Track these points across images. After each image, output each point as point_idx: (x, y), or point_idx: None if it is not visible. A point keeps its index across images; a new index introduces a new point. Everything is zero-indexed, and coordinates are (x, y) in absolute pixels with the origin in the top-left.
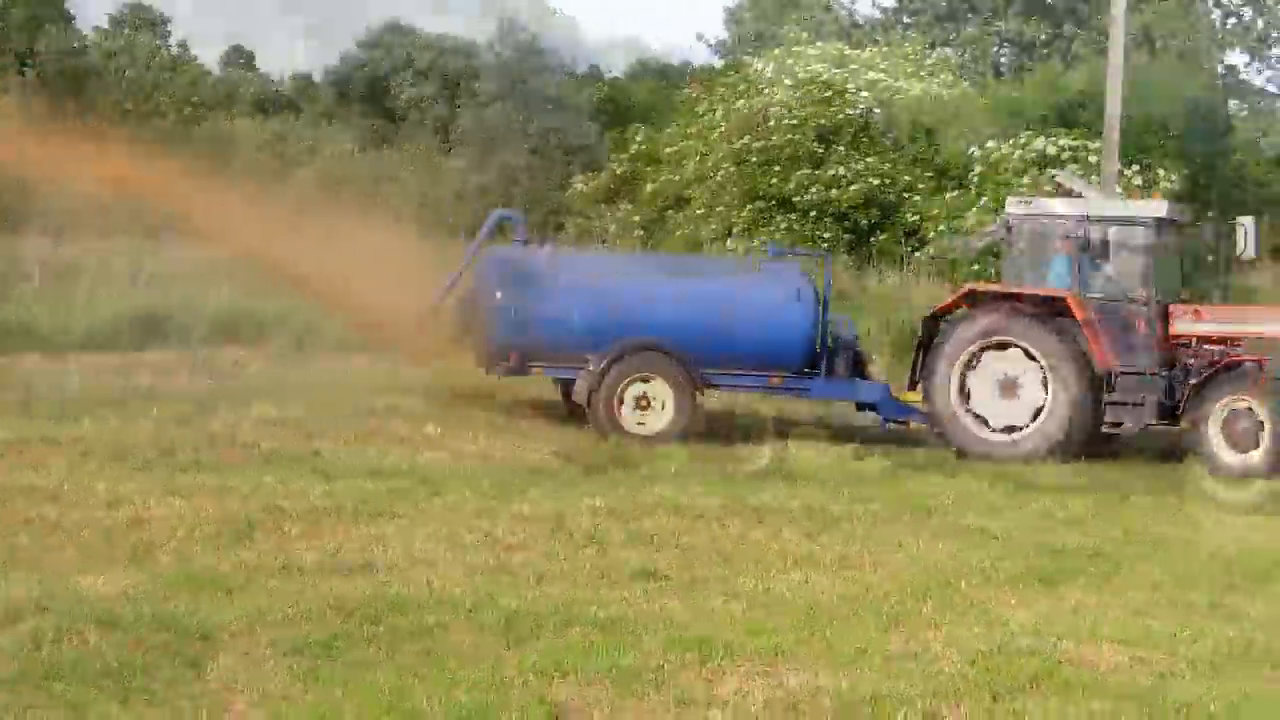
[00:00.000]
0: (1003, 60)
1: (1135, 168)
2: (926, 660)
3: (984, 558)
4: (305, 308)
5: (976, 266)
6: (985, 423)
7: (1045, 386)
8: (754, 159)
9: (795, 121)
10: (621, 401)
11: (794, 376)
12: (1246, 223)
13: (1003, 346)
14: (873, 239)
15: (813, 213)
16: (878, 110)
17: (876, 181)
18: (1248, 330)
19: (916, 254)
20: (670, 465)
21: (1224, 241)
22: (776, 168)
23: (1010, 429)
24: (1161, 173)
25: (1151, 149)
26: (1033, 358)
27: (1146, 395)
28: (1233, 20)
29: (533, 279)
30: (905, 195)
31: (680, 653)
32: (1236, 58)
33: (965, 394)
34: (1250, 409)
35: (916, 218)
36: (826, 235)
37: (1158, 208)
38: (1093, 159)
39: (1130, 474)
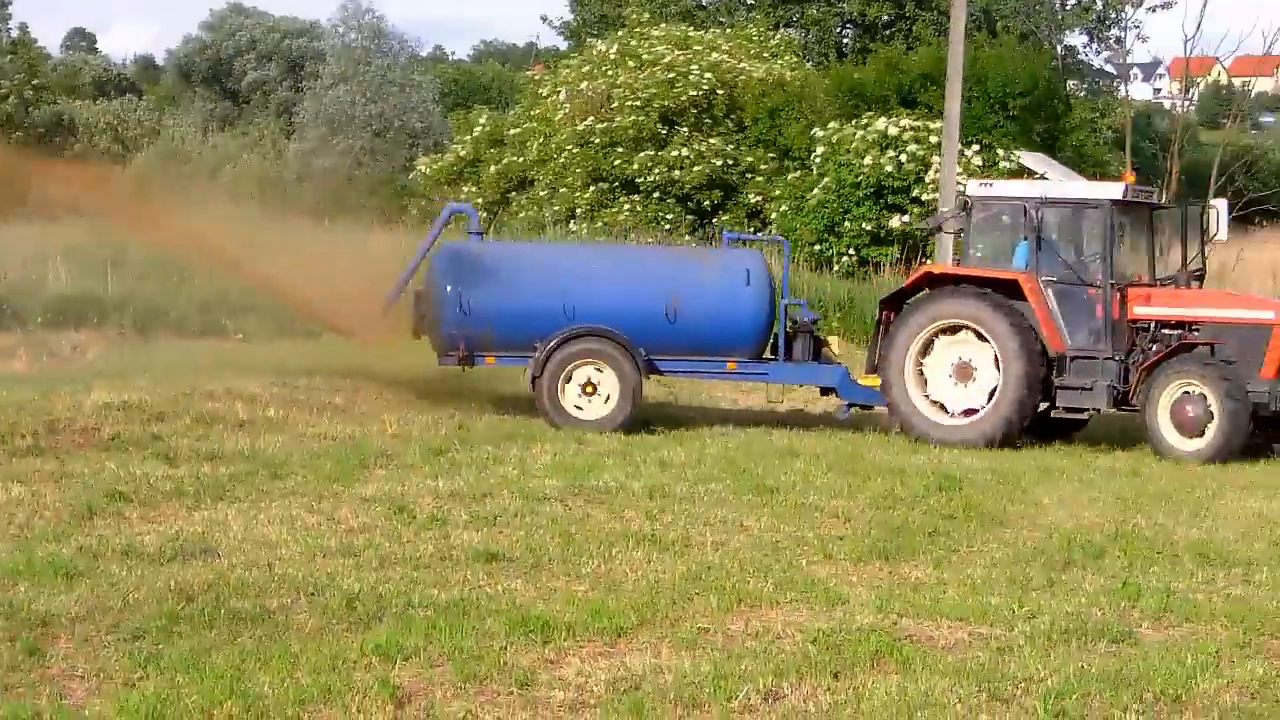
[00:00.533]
0: (845, 42)
1: (976, 148)
2: (768, 639)
3: (826, 536)
4: (145, 290)
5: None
6: (943, 407)
7: (999, 369)
8: (597, 140)
9: (639, 103)
10: (564, 388)
11: (750, 362)
12: (1219, 205)
13: (957, 330)
14: (715, 220)
15: (656, 194)
16: (721, 92)
17: (719, 163)
18: (1203, 314)
19: (759, 234)
20: (514, 447)
21: (1194, 224)
22: (620, 149)
23: (969, 413)
24: (1001, 152)
25: (992, 129)
26: (985, 341)
27: (1098, 380)
28: (1072, 2)
29: (479, 270)
30: (748, 176)
31: (523, 634)
32: (1075, 39)
33: (923, 378)
34: (1201, 394)
35: (759, 198)
36: (669, 216)
37: (1113, 189)
38: (934, 139)
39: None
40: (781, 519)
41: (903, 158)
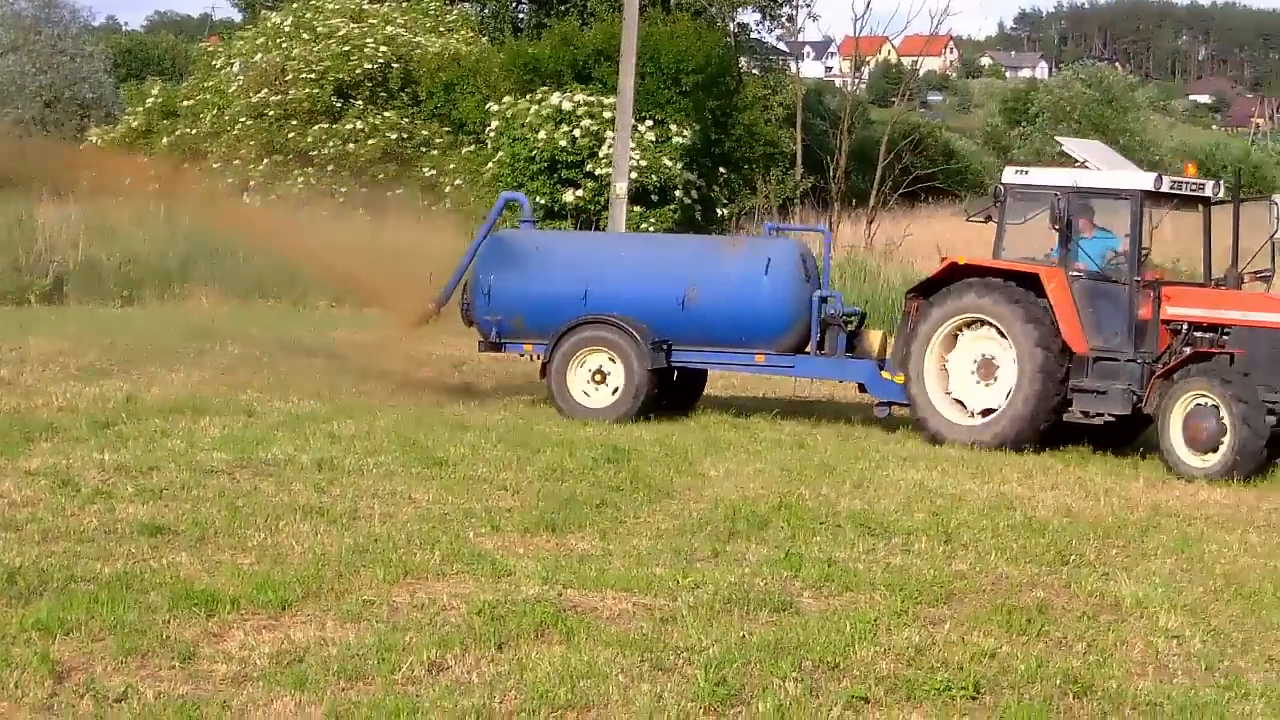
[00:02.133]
0: (521, 17)
1: (649, 123)
2: (433, 611)
3: (493, 509)
4: None
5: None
6: (963, 405)
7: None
8: (272, 113)
9: (313, 76)
10: (572, 376)
11: (778, 354)
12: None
13: (980, 324)
14: (390, 193)
15: (330, 166)
16: (396, 65)
17: (394, 136)
18: (1233, 317)
19: (433, 209)
20: (182, 420)
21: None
22: (294, 122)
23: (988, 412)
24: (674, 128)
25: (665, 105)
26: (1005, 336)
27: (1112, 383)
28: None
29: (512, 258)
30: (422, 150)
31: (186, 608)
32: (748, 16)
33: (946, 375)
34: (1215, 407)
35: (433, 172)
36: (344, 189)
37: (1144, 179)
38: (608, 115)
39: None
40: (450, 491)
41: (577, 133)
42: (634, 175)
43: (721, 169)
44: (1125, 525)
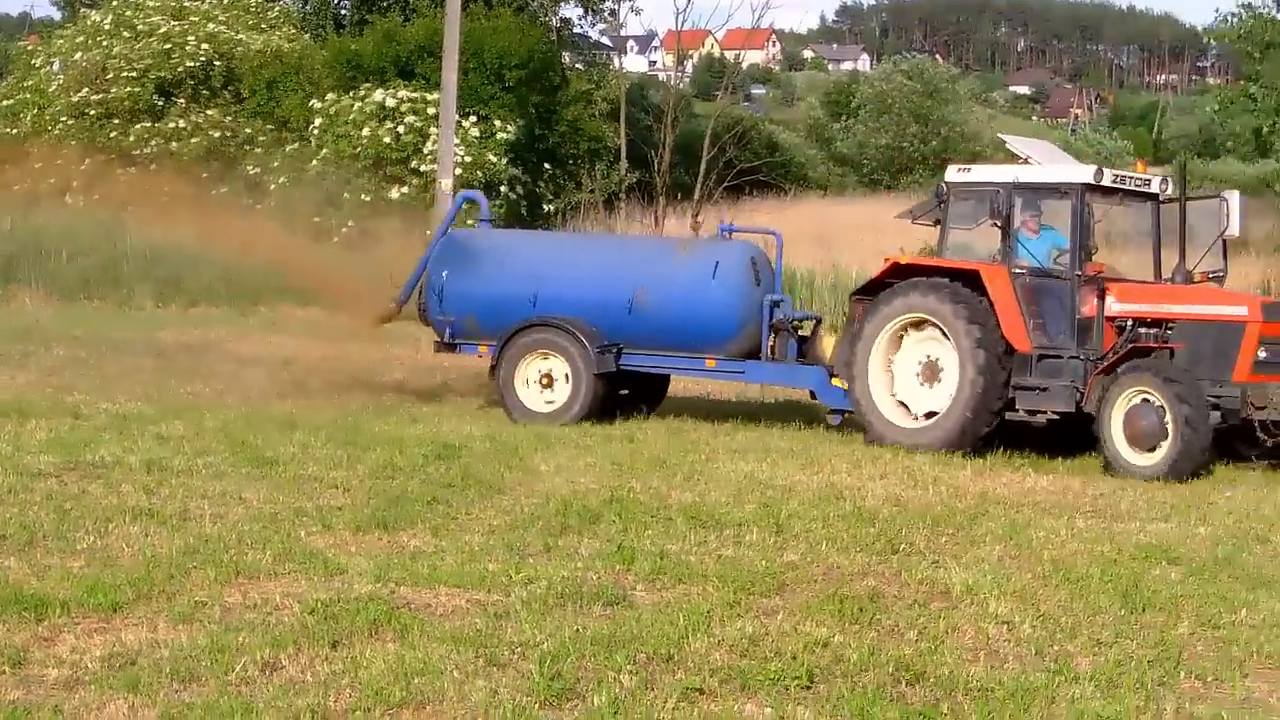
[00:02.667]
0: (344, 13)
1: (473, 119)
2: (266, 610)
3: (325, 507)
4: None
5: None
6: (908, 409)
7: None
8: (93, 112)
9: (135, 74)
10: (519, 379)
11: (729, 359)
12: (1230, 197)
13: (923, 325)
14: (215, 192)
15: (153, 166)
16: (219, 63)
17: (217, 134)
18: (1176, 311)
19: (258, 207)
20: (8, 424)
21: (1209, 218)
22: (116, 121)
23: (932, 414)
24: (499, 124)
25: (489, 101)
26: (948, 337)
27: (1055, 381)
28: None
29: (465, 258)
30: (246, 148)
31: (16, 613)
32: (571, 11)
33: (891, 377)
34: (1159, 405)
35: (257, 170)
36: (167, 189)
37: (1084, 173)
38: (432, 110)
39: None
40: (280, 490)
41: (401, 129)
42: (459, 171)
43: (547, 165)
44: (954, 513)
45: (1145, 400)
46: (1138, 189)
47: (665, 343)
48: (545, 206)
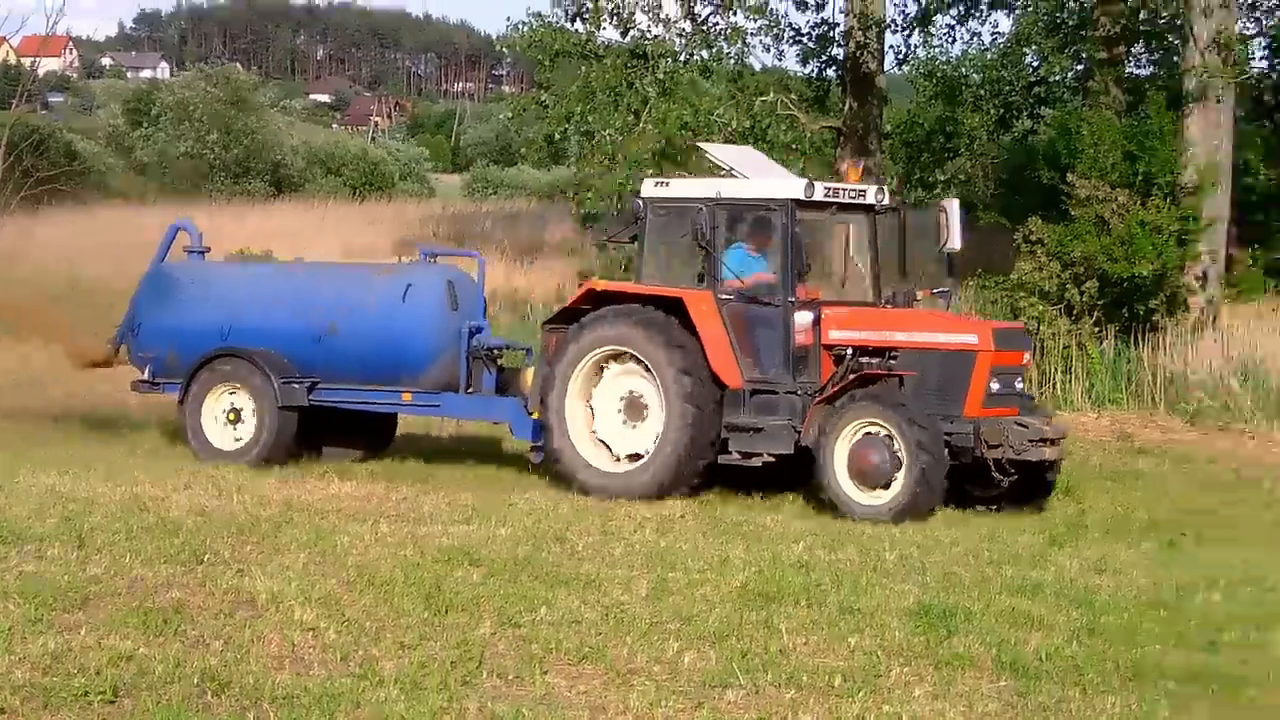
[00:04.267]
0: None
1: None
2: None
3: None
4: None
5: None
6: (609, 449)
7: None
8: None
9: None
10: (205, 415)
11: (425, 393)
12: (949, 207)
13: (625, 358)
14: None
15: None
16: None
17: None
18: (901, 339)
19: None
20: None
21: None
22: None
23: (636, 457)
24: None
25: None
26: (651, 371)
27: (770, 419)
28: None
29: (165, 290)
30: None
31: None
32: None
33: (592, 414)
34: (887, 436)
35: None
36: None
37: (793, 187)
38: None
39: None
40: None
41: None
42: None
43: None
44: (259, 522)
45: (871, 432)
46: (852, 200)
47: (360, 375)
48: None
